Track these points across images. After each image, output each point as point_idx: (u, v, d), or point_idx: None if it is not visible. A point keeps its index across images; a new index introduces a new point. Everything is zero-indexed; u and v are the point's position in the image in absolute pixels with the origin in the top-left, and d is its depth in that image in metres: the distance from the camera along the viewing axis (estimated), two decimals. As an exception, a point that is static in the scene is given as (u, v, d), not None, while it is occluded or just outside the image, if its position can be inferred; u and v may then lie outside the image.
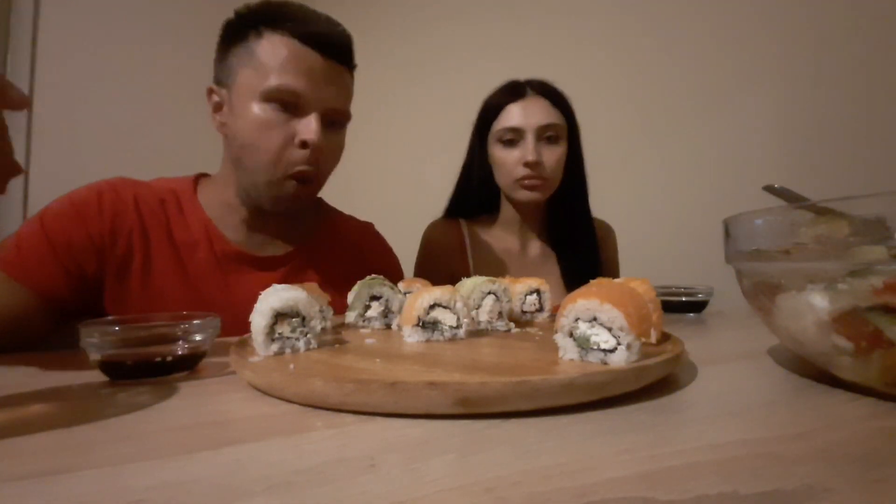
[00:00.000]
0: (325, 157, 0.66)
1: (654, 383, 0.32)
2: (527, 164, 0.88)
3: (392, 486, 0.19)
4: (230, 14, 0.67)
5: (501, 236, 1.00)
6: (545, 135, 0.90)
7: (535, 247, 1.01)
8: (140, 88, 1.82)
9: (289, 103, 0.62)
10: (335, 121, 0.67)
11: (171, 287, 0.64)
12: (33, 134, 1.62)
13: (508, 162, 0.91)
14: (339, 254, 0.80)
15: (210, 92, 0.69)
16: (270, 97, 0.62)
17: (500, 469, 0.20)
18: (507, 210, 1.00)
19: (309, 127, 0.62)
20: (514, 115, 0.90)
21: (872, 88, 1.13)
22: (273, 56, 0.62)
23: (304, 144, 0.63)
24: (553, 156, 0.91)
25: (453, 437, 0.24)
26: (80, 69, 1.70)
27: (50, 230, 0.58)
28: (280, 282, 0.70)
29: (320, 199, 0.86)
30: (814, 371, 0.36)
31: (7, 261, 0.56)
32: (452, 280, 0.87)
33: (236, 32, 0.65)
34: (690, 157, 1.39)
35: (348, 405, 0.28)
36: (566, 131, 0.93)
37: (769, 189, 0.44)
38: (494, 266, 0.96)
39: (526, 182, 0.90)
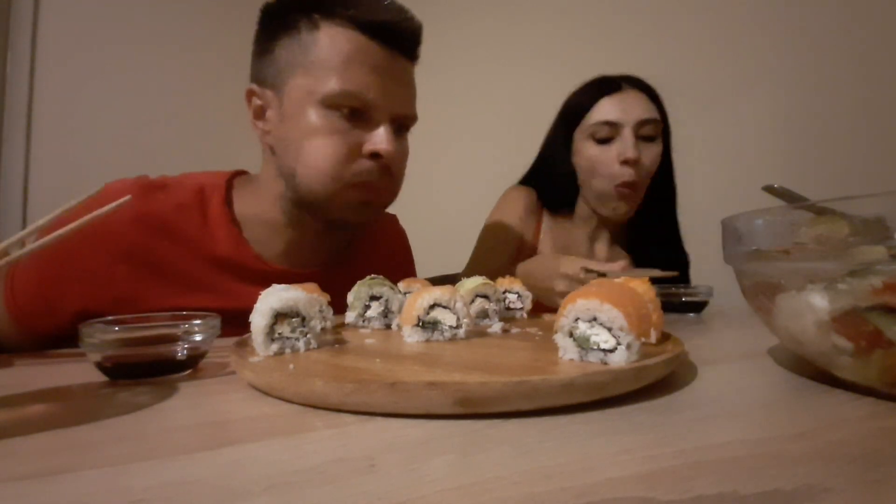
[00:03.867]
0: (395, 167, 0.58)
1: (654, 383, 0.32)
2: (625, 162, 0.80)
3: (392, 486, 0.19)
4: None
5: (572, 230, 0.93)
6: (642, 131, 0.82)
7: (604, 250, 0.94)
8: (140, 88, 1.82)
9: (355, 110, 0.53)
10: (403, 126, 0.60)
11: (194, 302, 0.55)
12: (33, 134, 1.62)
13: (604, 161, 0.82)
14: (370, 250, 0.75)
15: (250, 94, 0.59)
16: (332, 103, 0.53)
17: (500, 469, 0.20)
18: (582, 210, 0.92)
19: (380, 136, 0.54)
20: (610, 109, 0.82)
21: (872, 88, 1.13)
22: (334, 53, 0.52)
23: (374, 155, 0.54)
24: (651, 154, 0.82)
25: (453, 437, 0.24)
26: (80, 69, 1.70)
27: (46, 265, 0.53)
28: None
29: None
30: (814, 371, 0.36)
31: (9, 282, 0.54)
32: (519, 245, 0.81)
33: (282, 21, 0.55)
34: (690, 157, 1.39)
35: (348, 405, 0.28)
36: (662, 130, 0.86)
37: (769, 189, 0.44)
38: (559, 252, 0.90)
39: (622, 190, 0.81)
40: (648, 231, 0.90)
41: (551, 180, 0.91)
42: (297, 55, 0.54)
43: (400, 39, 0.55)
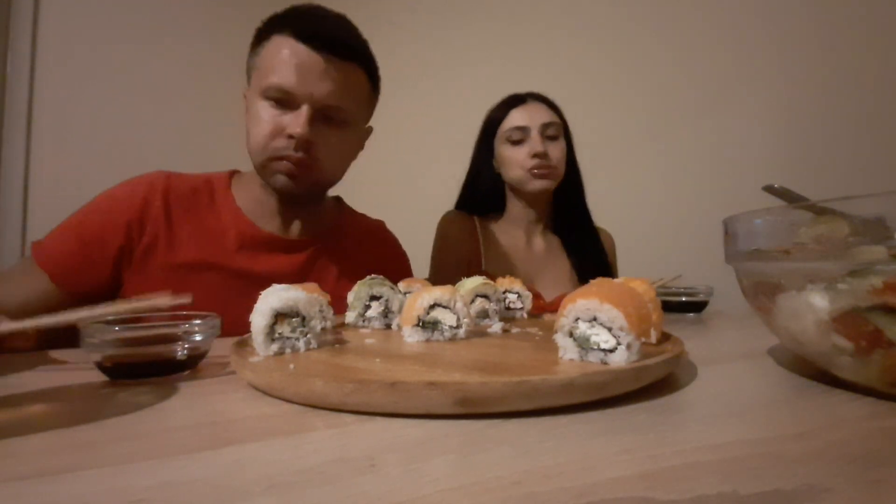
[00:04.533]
0: (319, 150, 0.68)
1: (654, 383, 0.32)
2: (535, 156, 0.99)
3: (392, 486, 0.19)
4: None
5: (509, 231, 1.08)
6: (547, 132, 1.01)
7: (540, 241, 1.09)
8: (141, 88, 1.82)
9: (282, 100, 0.66)
10: (333, 116, 0.68)
11: (197, 266, 0.68)
12: (33, 134, 1.62)
13: (519, 157, 1.00)
14: (356, 247, 0.84)
15: (244, 96, 0.74)
16: (267, 94, 0.66)
17: (500, 469, 0.20)
18: (513, 207, 1.08)
19: (296, 120, 0.65)
20: (518, 117, 1.02)
21: (873, 88, 1.13)
22: (272, 56, 0.65)
23: (290, 137, 0.66)
24: (556, 149, 1.01)
25: (453, 437, 0.24)
26: (80, 69, 1.70)
27: (82, 225, 0.66)
28: (304, 263, 0.75)
29: (339, 197, 0.92)
30: (814, 371, 0.36)
31: (39, 251, 0.64)
32: (467, 268, 0.91)
33: (257, 39, 0.70)
34: (690, 157, 1.39)
35: (348, 405, 0.28)
36: (563, 130, 1.04)
37: (769, 189, 0.44)
38: (503, 259, 1.04)
39: (536, 171, 0.99)
40: (568, 212, 1.09)
41: (481, 185, 1.08)
42: (255, 61, 0.69)
43: (326, 42, 0.66)
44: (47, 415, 0.29)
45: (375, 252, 0.87)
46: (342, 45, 0.67)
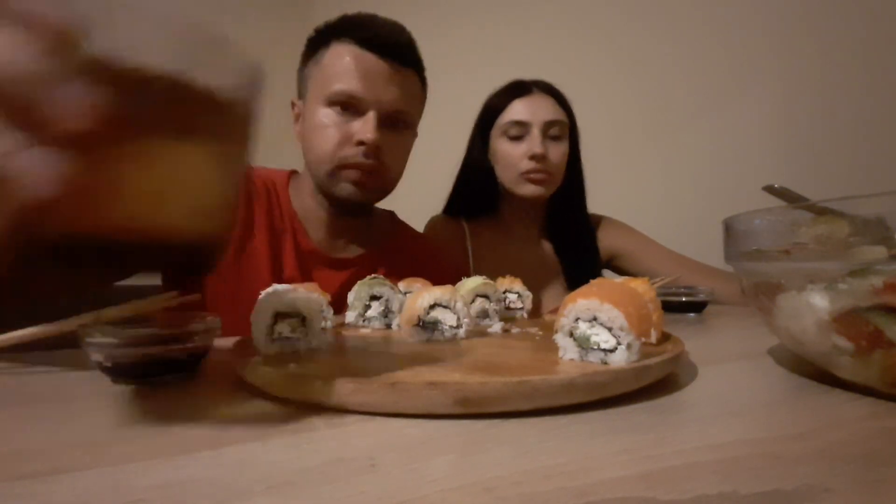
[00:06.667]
0: (386, 155, 0.69)
1: (654, 383, 0.32)
2: (533, 157, 0.90)
3: (392, 486, 0.19)
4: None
5: (501, 237, 1.00)
6: (550, 131, 0.92)
7: (534, 248, 1.01)
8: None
9: (348, 106, 0.66)
10: (398, 121, 0.70)
11: (262, 268, 0.68)
12: (33, 134, 1.61)
13: (514, 155, 0.92)
14: (406, 265, 0.79)
15: (292, 105, 0.76)
16: (332, 101, 0.66)
17: (500, 469, 0.20)
18: (506, 210, 1.00)
19: (365, 126, 0.65)
20: (520, 110, 0.92)
21: (873, 88, 1.13)
22: (335, 63, 0.66)
23: (360, 143, 0.66)
24: (557, 152, 0.93)
25: (453, 437, 0.24)
26: (80, 69, 1.70)
27: None
28: (348, 281, 0.71)
29: (393, 212, 0.89)
30: (814, 371, 0.36)
31: None
32: (455, 276, 0.87)
33: (312, 47, 0.71)
34: (690, 157, 1.39)
35: (348, 405, 0.28)
36: (568, 130, 0.95)
37: (769, 189, 0.44)
38: (493, 266, 0.96)
39: (531, 175, 0.91)
40: (565, 219, 1.01)
41: (473, 180, 1.00)
42: (314, 69, 0.70)
43: (389, 48, 0.67)
44: (48, 415, 0.29)
45: (431, 273, 0.79)
46: (403, 51, 0.69)
